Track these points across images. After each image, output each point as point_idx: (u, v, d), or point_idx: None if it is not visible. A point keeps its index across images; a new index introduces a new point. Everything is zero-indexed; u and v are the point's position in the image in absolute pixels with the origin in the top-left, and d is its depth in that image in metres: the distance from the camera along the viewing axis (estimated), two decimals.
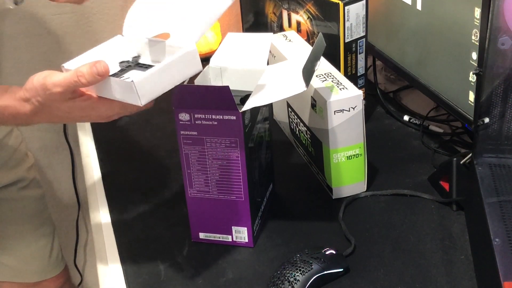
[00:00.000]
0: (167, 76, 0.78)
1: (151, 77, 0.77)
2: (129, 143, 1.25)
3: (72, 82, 0.75)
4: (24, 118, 0.81)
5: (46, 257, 1.36)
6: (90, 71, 0.75)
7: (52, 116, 0.80)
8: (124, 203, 1.06)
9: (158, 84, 0.78)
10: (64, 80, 0.75)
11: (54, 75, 0.76)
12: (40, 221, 1.34)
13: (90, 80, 0.75)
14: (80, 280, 1.80)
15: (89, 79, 0.75)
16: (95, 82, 0.76)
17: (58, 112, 0.79)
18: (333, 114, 0.96)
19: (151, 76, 0.77)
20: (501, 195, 0.86)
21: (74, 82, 0.75)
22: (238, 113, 0.84)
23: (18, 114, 0.80)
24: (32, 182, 1.32)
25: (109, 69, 0.76)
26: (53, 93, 0.76)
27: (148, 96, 0.77)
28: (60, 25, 1.51)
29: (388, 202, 1.01)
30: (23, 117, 0.81)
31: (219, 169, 0.89)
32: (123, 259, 0.94)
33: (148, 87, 0.77)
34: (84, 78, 0.75)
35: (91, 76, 0.75)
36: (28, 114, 0.80)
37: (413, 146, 1.17)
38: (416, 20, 1.11)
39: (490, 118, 0.90)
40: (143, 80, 0.76)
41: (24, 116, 0.80)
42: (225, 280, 0.88)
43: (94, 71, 0.75)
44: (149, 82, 0.77)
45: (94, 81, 0.76)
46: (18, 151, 1.29)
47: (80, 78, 0.75)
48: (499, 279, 0.73)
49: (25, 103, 0.79)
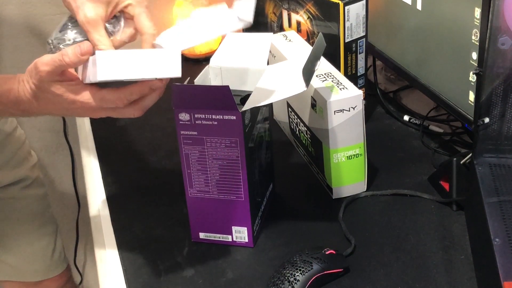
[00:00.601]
0: (136, 64, 0.77)
1: (117, 56, 0.76)
2: (129, 143, 1.25)
3: (57, 61, 0.77)
4: (26, 104, 0.82)
5: (49, 256, 1.36)
6: (74, 51, 0.76)
7: (46, 101, 0.82)
8: (124, 203, 1.06)
9: (124, 68, 0.77)
10: (51, 59, 0.78)
11: (45, 56, 0.79)
12: (42, 220, 1.34)
13: (73, 60, 0.77)
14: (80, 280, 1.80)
15: (73, 58, 0.77)
16: (78, 62, 0.77)
17: (48, 95, 0.80)
18: (333, 114, 0.96)
19: (117, 54, 0.76)
20: (501, 195, 0.86)
21: (59, 61, 0.77)
22: (238, 113, 0.84)
23: (20, 98, 0.82)
24: (35, 181, 1.32)
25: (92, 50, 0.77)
26: (41, 71, 0.78)
27: (107, 73, 0.76)
28: None
29: (388, 202, 1.01)
30: (25, 102, 0.82)
31: (219, 169, 0.89)
32: (123, 259, 0.94)
33: (110, 64, 0.76)
34: (68, 57, 0.77)
35: (74, 56, 0.76)
36: (29, 98, 0.82)
37: (413, 146, 1.17)
38: (416, 20, 1.11)
39: (490, 118, 0.90)
40: (107, 54, 0.76)
41: (26, 100, 0.82)
42: (225, 280, 0.88)
43: (77, 50, 0.76)
44: (113, 59, 0.76)
45: (77, 61, 0.77)
46: (21, 150, 1.29)
47: (65, 57, 0.77)
48: (499, 279, 0.73)
49: (25, 86, 0.81)
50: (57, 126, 1.63)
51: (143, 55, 0.77)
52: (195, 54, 1.55)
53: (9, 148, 1.25)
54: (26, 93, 0.81)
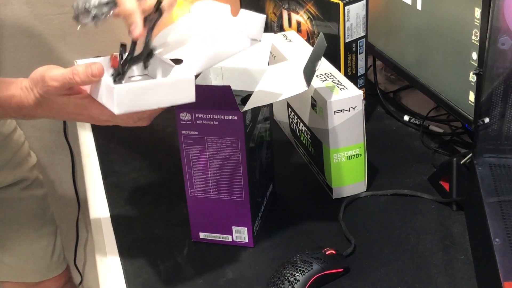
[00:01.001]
0: (153, 95, 0.76)
1: (134, 90, 0.75)
2: (129, 143, 1.25)
3: (67, 79, 0.77)
4: (28, 109, 0.82)
5: (48, 257, 1.36)
6: (85, 71, 0.76)
7: (51, 109, 0.82)
8: (124, 203, 1.06)
9: (140, 100, 0.76)
10: (61, 76, 0.77)
11: (54, 69, 0.78)
12: (42, 221, 1.34)
13: (84, 80, 0.76)
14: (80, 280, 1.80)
15: (83, 78, 0.76)
16: (89, 82, 0.77)
17: (55, 105, 0.80)
18: (333, 114, 0.96)
19: (134, 88, 0.75)
20: (501, 195, 0.86)
21: (69, 79, 0.77)
22: (239, 113, 0.84)
23: (22, 104, 0.82)
24: (34, 182, 1.32)
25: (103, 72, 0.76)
26: (49, 86, 0.78)
27: (125, 107, 0.75)
28: (60, 25, 1.51)
29: (388, 202, 1.01)
30: (28, 108, 0.82)
31: (220, 169, 0.89)
32: (123, 259, 0.94)
33: (128, 98, 0.75)
34: (78, 77, 0.76)
35: (85, 76, 0.76)
36: (32, 105, 0.82)
37: (413, 146, 1.17)
38: (416, 20, 1.11)
39: (490, 118, 0.90)
40: (124, 88, 0.75)
41: (28, 106, 0.82)
42: (225, 280, 0.88)
43: (88, 71, 0.76)
44: (131, 93, 0.75)
45: (88, 81, 0.77)
46: (21, 150, 1.29)
47: (75, 76, 0.76)
48: (499, 279, 0.73)
49: (28, 93, 0.81)
50: (57, 126, 1.63)
51: (159, 85, 0.76)
52: None
53: (8, 149, 1.25)
54: (30, 100, 0.81)
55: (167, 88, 0.77)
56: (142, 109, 0.77)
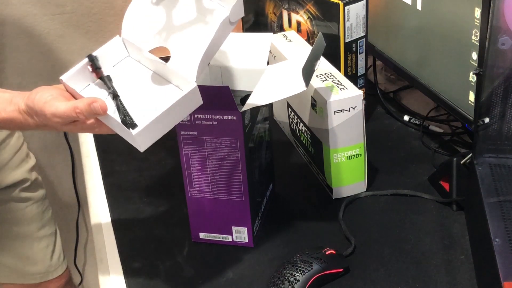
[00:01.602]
0: (167, 119, 0.76)
1: (151, 126, 0.75)
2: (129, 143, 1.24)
3: (70, 117, 0.75)
4: (29, 128, 0.82)
5: (48, 258, 1.36)
6: (89, 110, 0.74)
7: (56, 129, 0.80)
8: (124, 203, 1.06)
9: (158, 129, 0.76)
10: (63, 113, 0.75)
11: (54, 104, 0.76)
12: (42, 222, 1.34)
13: (88, 117, 0.76)
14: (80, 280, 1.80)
15: (88, 116, 0.75)
16: (94, 118, 0.76)
17: (60, 129, 0.80)
18: (333, 114, 0.96)
19: (150, 125, 0.75)
20: (501, 195, 0.85)
21: (73, 117, 0.75)
22: (238, 113, 0.84)
23: (23, 126, 0.81)
24: (34, 183, 1.31)
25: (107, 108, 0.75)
26: (52, 122, 0.77)
27: (148, 143, 0.76)
28: (60, 25, 1.51)
29: (388, 202, 1.01)
30: (29, 128, 0.82)
31: (219, 169, 0.89)
32: (123, 259, 0.94)
33: (148, 135, 0.75)
34: (82, 115, 0.75)
35: (89, 114, 0.75)
36: (33, 126, 0.81)
37: (413, 146, 1.17)
38: (416, 20, 1.11)
39: (490, 118, 0.90)
40: (142, 130, 0.75)
41: (29, 127, 0.81)
42: (225, 280, 0.88)
43: (92, 109, 0.74)
44: (149, 130, 0.75)
45: (93, 117, 0.76)
46: (20, 152, 1.29)
47: (79, 115, 0.75)
48: (499, 279, 0.73)
49: (28, 117, 0.80)
50: None
51: (172, 108, 0.76)
52: None
53: (7, 151, 1.25)
54: (31, 123, 0.80)
55: (177, 107, 0.77)
56: (162, 134, 0.77)
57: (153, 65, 0.83)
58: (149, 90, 0.82)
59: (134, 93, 0.81)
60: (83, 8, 1.52)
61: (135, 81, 0.83)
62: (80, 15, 1.52)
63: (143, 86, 0.82)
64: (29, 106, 0.78)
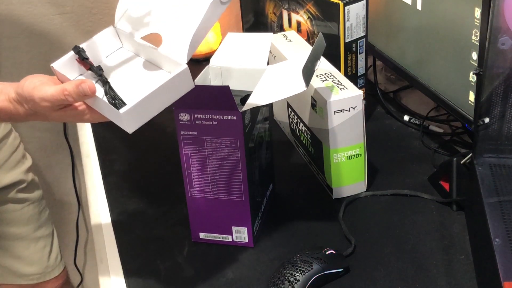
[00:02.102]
0: (157, 100, 0.75)
1: (139, 106, 0.74)
2: (129, 143, 1.25)
3: (59, 100, 0.75)
4: (19, 118, 0.81)
5: (45, 259, 1.36)
6: (77, 91, 0.74)
7: (46, 118, 0.80)
8: (124, 203, 1.06)
9: (147, 110, 0.75)
10: (52, 97, 0.75)
11: (43, 88, 0.75)
12: (39, 222, 1.34)
13: (77, 99, 0.75)
14: (80, 280, 1.80)
15: (76, 98, 0.75)
16: (83, 100, 0.76)
17: (50, 117, 0.79)
18: (333, 114, 0.96)
19: (138, 104, 0.74)
20: (501, 195, 0.85)
21: (62, 101, 0.75)
22: (238, 113, 0.84)
23: (13, 115, 0.81)
24: (30, 184, 1.31)
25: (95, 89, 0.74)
26: (41, 107, 0.76)
27: (136, 124, 0.75)
28: (60, 25, 1.51)
29: (388, 202, 1.01)
30: (19, 117, 0.81)
31: (219, 169, 0.89)
32: (123, 259, 0.94)
33: (136, 115, 0.74)
34: (71, 97, 0.74)
35: (78, 96, 0.74)
36: (23, 115, 0.80)
37: (413, 146, 1.17)
38: (416, 20, 1.11)
39: (490, 118, 0.90)
40: (130, 110, 0.74)
41: (20, 117, 0.81)
42: (225, 280, 0.88)
43: (80, 90, 0.74)
44: (137, 110, 0.74)
45: (81, 100, 0.76)
46: (16, 153, 1.29)
47: (67, 97, 0.74)
48: (499, 279, 0.73)
49: (19, 106, 0.79)
50: (57, 126, 1.63)
51: (161, 89, 0.75)
52: (195, 54, 1.54)
53: (3, 151, 1.25)
54: (21, 112, 0.80)
55: (167, 88, 0.76)
56: (152, 116, 0.76)
57: (145, 53, 0.83)
58: (140, 77, 0.81)
59: (125, 80, 0.81)
60: (83, 8, 1.52)
61: (127, 70, 0.83)
62: (80, 15, 1.52)
63: (135, 74, 0.82)
64: (19, 93, 0.78)
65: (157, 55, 0.81)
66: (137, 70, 0.83)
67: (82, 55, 0.81)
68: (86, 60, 0.81)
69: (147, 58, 0.83)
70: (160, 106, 0.77)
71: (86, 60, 0.81)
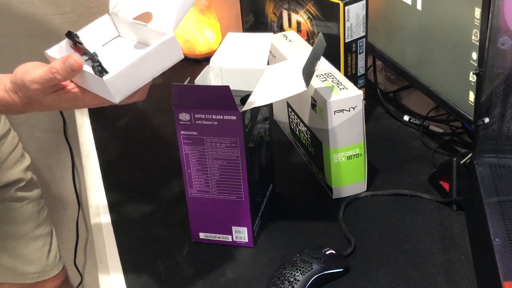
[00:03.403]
0: (143, 69, 0.75)
1: (125, 73, 0.74)
2: (129, 143, 1.25)
3: (48, 79, 0.75)
4: (16, 108, 0.81)
5: (44, 258, 1.36)
6: (64, 67, 0.74)
7: (42, 107, 0.80)
8: (124, 203, 1.06)
9: (134, 79, 0.75)
10: (40, 77, 0.75)
11: (32, 71, 0.76)
12: (37, 221, 1.34)
13: (65, 76, 0.75)
14: (80, 280, 1.80)
15: (64, 75, 0.75)
16: (71, 76, 0.76)
17: (45, 103, 0.79)
18: (333, 114, 0.96)
19: (124, 72, 0.74)
20: (501, 195, 0.85)
21: (50, 79, 0.75)
22: (239, 113, 0.84)
23: (9, 105, 0.81)
24: (29, 183, 1.31)
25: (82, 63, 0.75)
26: (32, 90, 0.76)
27: (123, 93, 0.75)
28: (60, 25, 1.52)
29: (388, 202, 1.01)
30: (15, 108, 0.81)
31: (219, 169, 0.89)
32: (123, 259, 0.94)
33: (122, 83, 0.74)
34: (59, 74, 0.75)
35: (65, 72, 0.74)
36: (19, 105, 0.80)
37: (413, 146, 1.17)
38: (416, 20, 1.11)
39: (490, 118, 0.90)
40: (115, 77, 0.74)
41: (16, 106, 0.81)
42: (225, 280, 0.88)
43: (67, 66, 0.74)
44: (123, 78, 0.74)
45: (69, 76, 0.75)
46: (15, 152, 1.29)
47: (55, 74, 0.75)
48: (499, 279, 0.73)
49: (14, 95, 0.80)
50: (57, 126, 1.63)
51: (146, 57, 0.75)
52: (195, 54, 1.55)
53: (2, 150, 1.25)
54: (17, 101, 0.80)
55: (152, 57, 0.76)
56: (139, 86, 0.76)
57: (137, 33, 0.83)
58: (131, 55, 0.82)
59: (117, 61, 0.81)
60: (83, 8, 1.52)
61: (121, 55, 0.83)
62: (80, 15, 1.52)
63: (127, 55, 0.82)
64: (13, 81, 0.78)
65: (147, 32, 0.81)
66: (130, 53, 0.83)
67: (75, 40, 0.81)
68: (79, 45, 0.81)
69: (140, 39, 0.83)
70: (147, 75, 0.76)
71: (80, 45, 0.81)
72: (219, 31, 1.60)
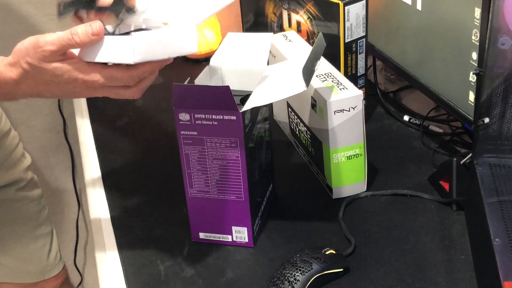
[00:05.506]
0: (164, 44, 0.77)
1: (149, 37, 0.76)
2: (129, 143, 1.25)
3: (65, 41, 0.74)
4: (9, 85, 0.79)
5: (45, 257, 1.36)
6: (85, 30, 0.73)
7: (38, 82, 0.78)
8: (124, 203, 1.06)
9: (154, 48, 0.76)
10: (58, 38, 0.74)
11: (48, 35, 0.76)
12: (38, 221, 1.34)
13: (83, 40, 0.74)
14: (80, 280, 1.80)
15: (83, 39, 0.74)
16: (89, 42, 0.75)
17: (45, 76, 0.77)
18: (333, 114, 0.96)
19: (149, 36, 0.76)
20: (501, 195, 0.86)
21: (68, 41, 0.74)
22: (238, 113, 0.84)
23: (3, 80, 0.79)
24: (29, 183, 1.31)
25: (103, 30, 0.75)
26: (45, 51, 0.75)
27: (142, 55, 0.75)
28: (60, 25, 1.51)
29: (388, 202, 1.01)
30: (9, 84, 0.79)
31: (219, 169, 0.89)
32: (123, 259, 0.94)
33: (144, 46, 0.75)
34: (78, 37, 0.74)
35: (85, 36, 0.74)
36: (15, 79, 0.78)
37: (413, 146, 1.17)
38: (416, 20, 1.11)
39: (490, 118, 0.90)
40: (141, 36, 0.75)
41: (10, 82, 0.79)
42: (225, 280, 0.88)
43: (88, 30, 0.73)
44: (146, 41, 0.75)
45: (87, 41, 0.74)
46: (15, 152, 1.28)
47: (74, 36, 0.73)
48: (499, 279, 0.73)
49: (12, 68, 0.78)
50: (57, 126, 1.63)
51: (167, 33, 0.77)
52: (195, 54, 1.55)
53: (2, 150, 1.25)
54: (13, 75, 0.78)
55: (172, 36, 0.78)
56: (154, 58, 0.77)
57: None
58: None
59: None
60: None
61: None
62: None
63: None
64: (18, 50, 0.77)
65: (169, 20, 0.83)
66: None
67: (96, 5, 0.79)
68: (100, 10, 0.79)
69: None
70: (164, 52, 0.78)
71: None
72: (219, 31, 1.60)
